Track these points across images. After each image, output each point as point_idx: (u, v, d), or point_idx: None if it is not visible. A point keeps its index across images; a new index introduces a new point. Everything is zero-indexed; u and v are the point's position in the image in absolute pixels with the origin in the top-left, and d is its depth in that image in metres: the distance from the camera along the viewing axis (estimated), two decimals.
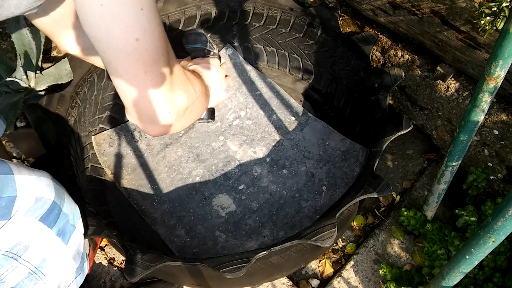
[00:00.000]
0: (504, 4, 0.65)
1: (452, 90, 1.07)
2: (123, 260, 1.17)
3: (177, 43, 0.85)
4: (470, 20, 0.90)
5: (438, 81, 1.09)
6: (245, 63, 1.25)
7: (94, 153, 1.12)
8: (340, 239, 1.17)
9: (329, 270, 1.13)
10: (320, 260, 1.14)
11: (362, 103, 1.09)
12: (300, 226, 1.03)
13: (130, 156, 1.14)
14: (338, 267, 1.13)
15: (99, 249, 1.18)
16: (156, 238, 1.04)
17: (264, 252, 0.79)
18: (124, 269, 0.79)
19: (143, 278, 0.92)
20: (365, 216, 1.20)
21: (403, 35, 1.13)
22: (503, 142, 1.02)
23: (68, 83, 1.07)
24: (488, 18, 0.69)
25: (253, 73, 1.24)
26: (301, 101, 1.24)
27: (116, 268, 1.15)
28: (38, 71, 1.23)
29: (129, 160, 1.14)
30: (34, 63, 1.21)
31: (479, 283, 1.00)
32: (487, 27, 0.70)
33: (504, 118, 0.99)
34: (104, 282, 1.13)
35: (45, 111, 1.01)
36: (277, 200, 1.08)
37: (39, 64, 1.24)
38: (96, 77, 1.11)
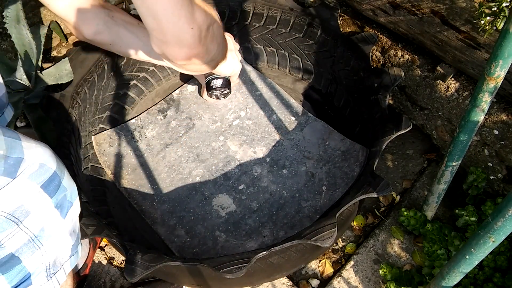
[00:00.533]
0: (504, 4, 0.65)
1: (452, 90, 1.07)
2: (123, 260, 1.17)
3: None
4: (470, 20, 0.90)
5: (438, 81, 1.09)
6: (245, 63, 1.25)
7: (94, 153, 1.12)
8: (340, 239, 1.17)
9: (329, 270, 1.13)
10: (320, 260, 1.14)
11: (362, 103, 1.09)
12: (300, 226, 1.03)
13: (130, 156, 1.14)
14: (338, 267, 1.13)
15: (99, 249, 1.18)
16: (156, 238, 1.04)
17: (264, 252, 0.79)
18: (124, 269, 0.79)
19: (143, 278, 0.92)
20: (365, 216, 1.20)
21: (403, 35, 1.13)
22: (503, 142, 1.02)
23: (68, 83, 1.08)
24: (488, 18, 0.69)
25: (253, 74, 1.24)
26: (301, 101, 1.24)
27: (116, 268, 1.15)
28: (38, 71, 1.23)
29: (129, 160, 1.14)
30: (34, 63, 1.21)
31: (479, 283, 1.00)
32: (487, 27, 0.70)
33: (504, 118, 0.99)
34: (104, 282, 1.13)
35: (45, 111, 1.01)
36: (277, 200, 1.08)
37: (39, 64, 1.24)
38: (97, 77, 1.11)
